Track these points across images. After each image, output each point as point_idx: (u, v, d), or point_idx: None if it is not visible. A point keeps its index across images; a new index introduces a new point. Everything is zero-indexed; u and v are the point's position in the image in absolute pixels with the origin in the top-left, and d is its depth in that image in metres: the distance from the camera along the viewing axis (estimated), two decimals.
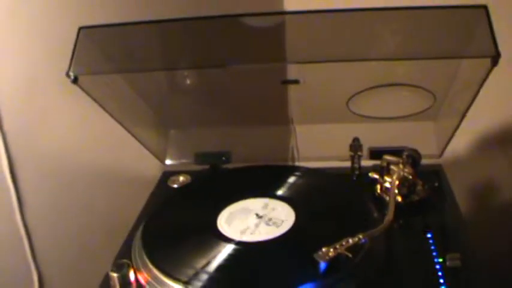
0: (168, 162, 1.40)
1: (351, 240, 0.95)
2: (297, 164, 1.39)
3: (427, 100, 1.23)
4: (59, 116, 1.38)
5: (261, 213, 1.11)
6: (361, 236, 0.96)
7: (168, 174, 1.37)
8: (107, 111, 1.17)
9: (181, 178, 1.33)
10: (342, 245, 0.94)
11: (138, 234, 1.11)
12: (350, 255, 0.92)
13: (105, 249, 1.14)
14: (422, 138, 1.27)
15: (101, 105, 1.15)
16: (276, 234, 1.05)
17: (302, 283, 0.92)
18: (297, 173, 1.25)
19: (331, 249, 0.92)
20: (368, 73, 1.20)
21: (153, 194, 1.31)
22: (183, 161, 1.39)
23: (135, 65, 1.09)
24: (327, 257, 0.92)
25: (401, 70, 1.19)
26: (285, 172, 1.25)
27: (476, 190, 1.48)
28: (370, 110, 1.26)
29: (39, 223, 1.42)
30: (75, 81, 1.08)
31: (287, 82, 1.22)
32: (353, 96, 1.22)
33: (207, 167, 1.37)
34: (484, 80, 1.01)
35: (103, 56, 1.11)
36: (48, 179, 1.41)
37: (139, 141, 1.30)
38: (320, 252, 0.92)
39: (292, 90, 1.26)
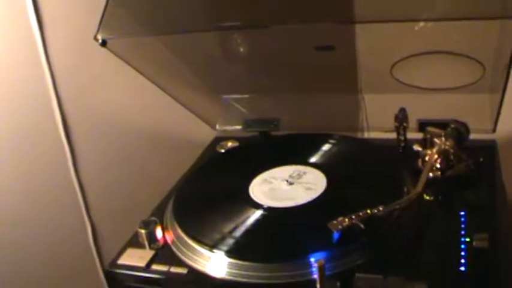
0: (218, 127, 1.40)
1: (369, 211, 0.92)
2: (349, 133, 1.36)
3: (477, 71, 1.17)
4: (112, 80, 1.41)
5: (292, 180, 1.10)
6: (381, 208, 0.93)
7: (219, 140, 1.37)
8: (144, 76, 1.18)
9: (229, 144, 1.33)
10: (358, 215, 0.91)
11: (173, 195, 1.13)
12: (362, 226, 0.89)
13: (153, 206, 1.17)
14: (475, 112, 1.20)
15: (137, 69, 1.15)
16: (303, 202, 1.05)
17: (315, 251, 0.90)
18: (332, 141, 1.24)
19: (346, 219, 0.90)
20: (414, 39, 1.15)
21: (201, 158, 1.31)
22: (234, 127, 1.38)
23: (165, 27, 1.08)
24: (340, 227, 0.90)
25: (450, 37, 1.13)
26: (323, 140, 1.24)
27: None
28: (416, 78, 1.20)
29: (92, 180, 1.47)
30: (103, 44, 1.10)
31: (321, 48, 1.19)
32: (397, 62, 1.17)
33: (257, 133, 1.35)
34: None
35: (135, 19, 1.11)
36: (102, 139, 1.46)
37: (185, 106, 1.30)
38: (334, 222, 0.91)
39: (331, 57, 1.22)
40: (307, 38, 1.22)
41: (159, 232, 1.03)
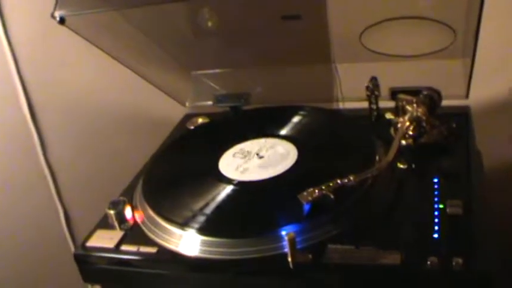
0: (188, 104, 1.38)
1: (339, 181, 0.90)
2: (322, 104, 1.33)
3: (448, 36, 1.15)
4: (78, 61, 1.38)
5: (262, 154, 1.08)
6: (351, 177, 0.91)
7: (190, 117, 1.35)
8: (109, 54, 1.15)
9: (199, 120, 1.31)
10: (328, 185, 0.89)
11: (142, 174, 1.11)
12: (332, 196, 0.88)
13: (123, 188, 1.15)
14: (448, 78, 1.19)
15: (101, 48, 1.12)
16: (274, 174, 1.03)
17: (286, 224, 0.88)
18: (302, 113, 1.22)
19: (316, 190, 0.88)
20: (384, 5, 1.14)
21: (171, 136, 1.29)
22: (204, 103, 1.35)
23: (125, 1, 1.05)
24: (310, 198, 0.88)
25: (420, 2, 1.11)
26: (294, 112, 1.22)
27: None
28: (387, 46, 1.18)
29: (62, 164, 1.45)
30: (62, 22, 1.06)
31: (287, 18, 1.16)
32: (366, 30, 1.15)
33: (228, 108, 1.33)
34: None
35: None
36: (71, 122, 1.45)
37: (154, 84, 1.27)
38: (304, 193, 0.89)
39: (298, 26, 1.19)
40: (275, 8, 1.19)
41: (128, 212, 1.01)
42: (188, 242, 0.93)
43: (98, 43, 1.12)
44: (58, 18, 1.06)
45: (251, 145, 1.12)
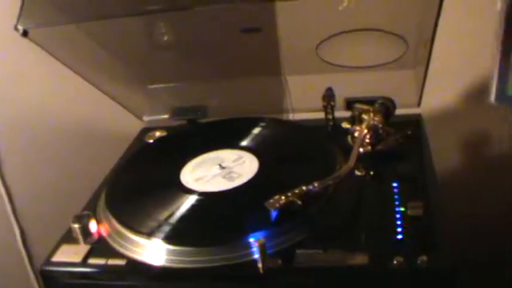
0: (146, 118, 1.38)
1: (304, 188, 0.92)
2: (276, 115, 1.36)
3: (401, 47, 1.19)
4: (32, 74, 1.37)
5: (224, 164, 1.09)
6: (316, 184, 0.93)
7: (147, 131, 1.35)
8: (68, 67, 1.15)
9: (157, 133, 1.31)
10: (294, 192, 0.91)
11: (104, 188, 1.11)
12: (300, 202, 0.90)
13: (82, 204, 1.14)
14: (401, 88, 1.24)
15: (61, 61, 1.12)
16: (238, 184, 1.05)
17: (254, 231, 0.90)
18: (261, 124, 1.24)
19: (283, 197, 0.90)
20: (338, 18, 1.17)
21: (129, 150, 1.29)
22: (161, 116, 1.36)
23: (88, 13, 1.06)
24: (277, 205, 0.90)
25: (373, 15, 1.15)
26: (253, 124, 1.24)
27: (460, 144, 1.45)
28: (341, 58, 1.22)
29: (18, 182, 1.43)
30: (25, 34, 1.06)
31: (247, 30, 1.19)
32: (322, 42, 1.18)
33: (185, 121, 1.34)
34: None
35: (56, 6, 1.08)
36: (26, 139, 1.43)
37: (111, 97, 1.28)
38: (271, 200, 0.90)
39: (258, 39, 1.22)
40: (231, 20, 1.21)
41: (93, 226, 1.01)
42: (155, 252, 0.93)
43: (59, 56, 1.12)
44: (21, 31, 1.06)
45: (213, 156, 1.14)
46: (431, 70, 1.15)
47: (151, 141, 1.30)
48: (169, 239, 0.93)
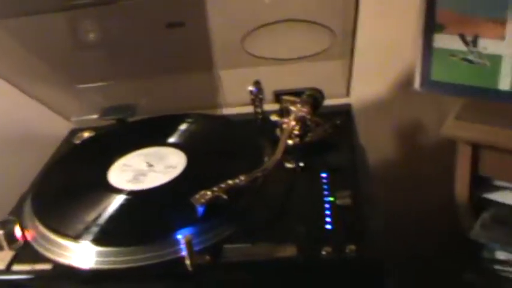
0: (74, 119, 1.35)
1: (230, 182, 0.91)
2: (209, 111, 1.35)
3: (328, 38, 1.19)
4: None
5: (151, 162, 1.08)
6: (242, 178, 0.92)
7: (76, 132, 1.32)
8: None
9: (85, 134, 1.29)
10: (220, 187, 0.90)
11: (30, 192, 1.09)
12: (225, 197, 0.89)
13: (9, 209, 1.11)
14: (330, 78, 1.23)
15: None
16: (165, 181, 1.03)
17: (181, 228, 0.89)
18: (188, 120, 1.23)
19: (208, 192, 0.89)
20: (265, 10, 1.17)
21: (57, 153, 1.26)
22: (90, 116, 1.33)
23: (5, 10, 1.03)
24: (203, 200, 0.88)
25: (299, 6, 1.14)
26: (180, 120, 1.23)
27: (393, 133, 1.46)
28: (269, 50, 1.21)
29: None
30: None
31: (172, 25, 1.17)
32: (247, 35, 1.18)
33: (114, 121, 1.32)
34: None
35: None
36: None
37: (37, 99, 1.25)
38: (197, 196, 0.89)
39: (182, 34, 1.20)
40: (157, 16, 1.20)
41: (18, 231, 0.98)
42: (83, 255, 0.91)
43: None
44: None
45: (140, 155, 1.12)
46: (361, 60, 1.15)
47: (79, 142, 1.26)
48: (96, 240, 0.92)
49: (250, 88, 1.20)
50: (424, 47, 1.06)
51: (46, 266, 0.92)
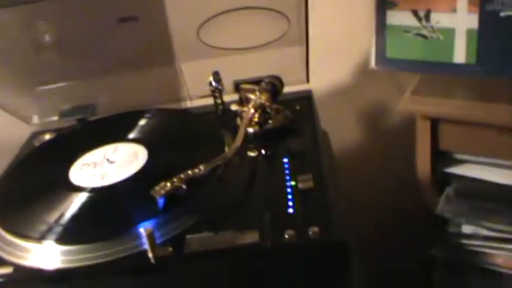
0: (34, 122, 1.33)
1: (190, 172, 0.91)
2: (173, 105, 1.34)
3: (283, 24, 1.18)
4: None
5: (112, 159, 1.07)
6: (202, 167, 0.92)
7: (36, 135, 1.31)
8: None
9: (47, 136, 1.27)
10: (180, 178, 0.90)
11: None
12: (184, 187, 0.88)
13: None
14: (289, 65, 1.23)
15: None
16: (127, 176, 1.02)
17: (142, 221, 0.88)
18: (148, 115, 1.22)
19: (168, 184, 0.88)
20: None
21: (19, 156, 1.25)
22: (50, 118, 1.32)
23: None
24: (163, 191, 0.88)
25: None
26: (139, 116, 1.22)
27: (357, 117, 1.46)
28: (225, 40, 1.21)
29: None
30: None
31: (124, 20, 1.16)
32: (202, 25, 1.17)
33: (75, 122, 1.30)
34: None
35: None
36: None
37: None
38: (157, 188, 0.89)
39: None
40: (113, 13, 1.19)
41: None
42: (47, 255, 0.90)
43: None
44: None
45: (100, 152, 1.11)
46: (318, 45, 1.15)
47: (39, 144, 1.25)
48: (60, 239, 0.91)
49: (209, 80, 1.18)
50: (378, 25, 1.06)
51: (7, 270, 0.91)
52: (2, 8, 1.13)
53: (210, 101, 1.24)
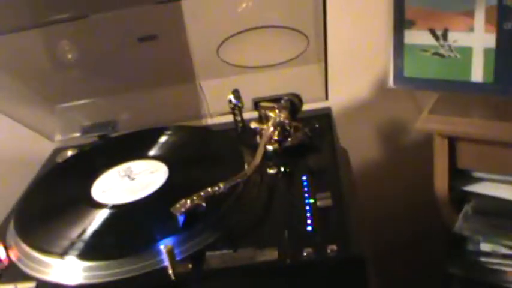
0: (56, 138, 1.35)
1: (210, 190, 0.92)
2: (193, 123, 1.35)
3: (302, 42, 1.20)
4: None
5: (133, 175, 1.08)
6: (221, 185, 0.93)
7: (59, 151, 1.33)
8: None
9: (69, 153, 1.29)
10: (200, 195, 0.91)
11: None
12: (204, 205, 0.89)
13: None
14: (308, 83, 1.24)
15: None
16: (148, 193, 1.04)
17: (163, 238, 0.89)
18: (168, 132, 1.23)
19: (188, 201, 0.89)
20: (239, 19, 1.19)
21: (41, 172, 1.26)
22: (72, 135, 1.34)
23: None
24: (183, 209, 0.89)
25: (272, 12, 1.15)
26: (158, 133, 1.24)
27: (375, 134, 1.47)
28: (245, 58, 1.22)
29: None
30: None
31: (144, 39, 1.18)
32: (222, 44, 1.18)
33: (96, 138, 1.32)
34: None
35: None
36: None
37: (18, 120, 1.25)
38: (177, 205, 0.90)
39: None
40: (134, 32, 1.20)
41: (1, 252, 0.98)
42: (69, 271, 0.91)
43: None
44: None
45: (121, 169, 1.12)
46: (336, 63, 1.16)
47: (61, 160, 1.27)
48: (82, 255, 0.92)
49: (229, 97, 1.19)
50: (396, 44, 1.07)
51: (29, 285, 0.92)
52: (27, 30, 1.14)
53: (229, 118, 1.25)
